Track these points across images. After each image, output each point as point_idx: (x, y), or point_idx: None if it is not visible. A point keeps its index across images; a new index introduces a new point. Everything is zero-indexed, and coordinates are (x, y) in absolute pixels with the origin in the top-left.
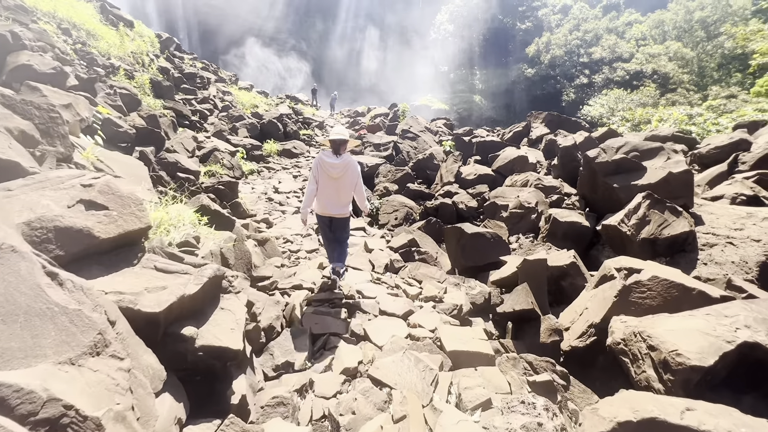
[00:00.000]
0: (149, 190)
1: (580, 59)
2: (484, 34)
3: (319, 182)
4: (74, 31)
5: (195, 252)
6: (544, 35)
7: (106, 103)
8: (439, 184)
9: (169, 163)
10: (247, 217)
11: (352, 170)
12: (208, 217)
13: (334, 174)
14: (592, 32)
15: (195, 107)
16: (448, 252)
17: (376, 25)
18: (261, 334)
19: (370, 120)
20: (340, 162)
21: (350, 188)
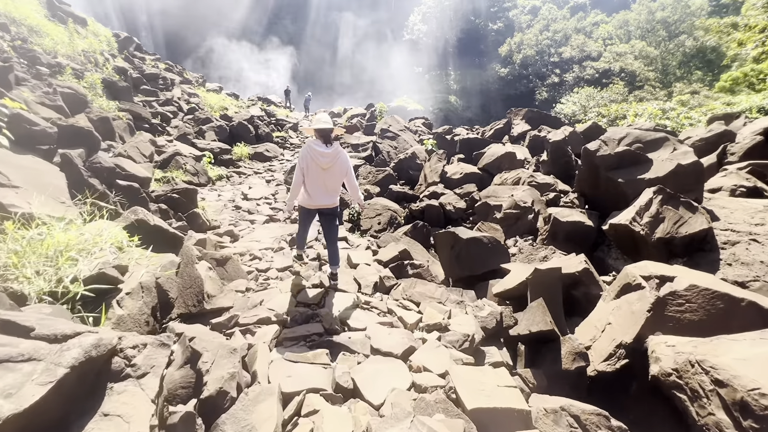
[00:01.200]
0: (63, 203)
1: (551, 59)
2: (457, 34)
3: (309, 173)
4: (13, 26)
5: (117, 287)
6: (515, 35)
7: (42, 103)
8: (423, 184)
9: (105, 168)
10: (208, 230)
11: (342, 160)
12: (141, 236)
13: (324, 164)
14: (562, 32)
15: (156, 109)
16: (441, 260)
17: (350, 27)
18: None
19: (347, 121)
20: (331, 151)
21: (340, 179)
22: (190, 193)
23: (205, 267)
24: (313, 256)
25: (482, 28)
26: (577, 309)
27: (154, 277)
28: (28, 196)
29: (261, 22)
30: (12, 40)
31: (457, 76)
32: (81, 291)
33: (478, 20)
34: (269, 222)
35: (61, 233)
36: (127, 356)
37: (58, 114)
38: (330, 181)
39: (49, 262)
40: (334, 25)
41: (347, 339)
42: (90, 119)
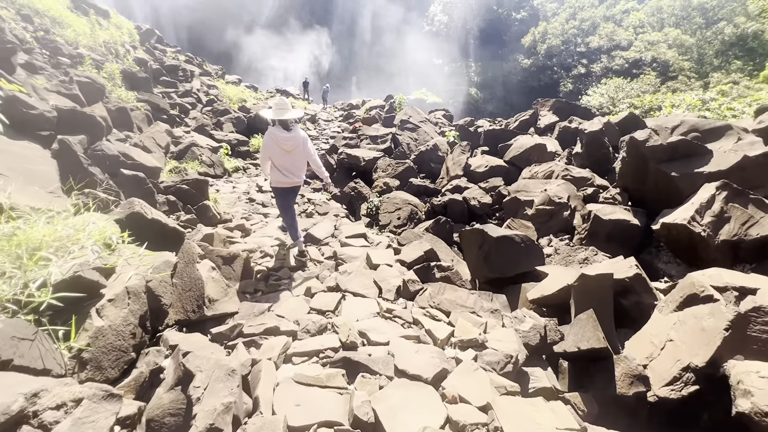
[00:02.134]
0: (50, 193)
1: (577, 48)
2: (479, 25)
3: (274, 156)
4: (36, 17)
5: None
6: (540, 24)
7: (58, 92)
8: (445, 178)
9: (108, 156)
10: (219, 224)
11: (303, 141)
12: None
13: (288, 146)
14: (589, 20)
15: (175, 100)
16: (467, 259)
17: (369, 20)
18: None
19: (365, 112)
20: (292, 135)
21: (304, 158)
22: (201, 185)
23: (207, 267)
24: (329, 254)
25: (505, 18)
26: (626, 320)
27: (145, 281)
28: (9, 185)
29: (282, 15)
30: (35, 30)
31: (478, 67)
32: (47, 299)
33: (501, 10)
34: None
35: (37, 228)
36: (45, 424)
37: (74, 103)
38: (296, 162)
39: (19, 263)
40: (353, 20)
41: (367, 357)
42: (108, 109)
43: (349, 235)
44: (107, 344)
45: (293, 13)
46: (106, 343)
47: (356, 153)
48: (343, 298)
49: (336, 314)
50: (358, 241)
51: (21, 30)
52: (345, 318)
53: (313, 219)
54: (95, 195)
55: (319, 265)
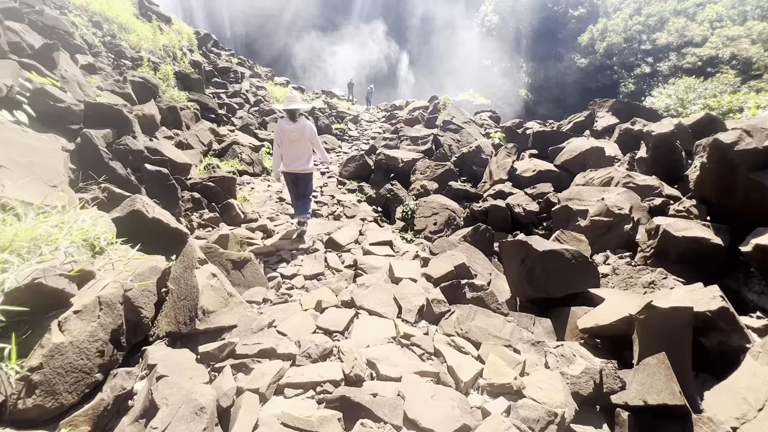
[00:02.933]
0: (54, 187)
1: (641, 46)
2: (532, 24)
3: (282, 146)
4: (105, 24)
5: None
6: (599, 21)
7: (112, 91)
8: (487, 182)
9: (131, 151)
10: (243, 223)
11: (308, 131)
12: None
13: (293, 136)
14: (657, 15)
15: (224, 100)
16: (507, 273)
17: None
18: None
19: (408, 113)
20: (297, 126)
21: (309, 147)
22: (228, 183)
23: (206, 274)
24: (349, 262)
25: (561, 15)
26: (708, 364)
27: (123, 289)
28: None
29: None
30: (103, 36)
31: (529, 68)
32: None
33: (557, 8)
34: (311, 217)
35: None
36: None
37: (125, 101)
38: (300, 150)
39: None
40: (401, 22)
41: (371, 398)
42: (159, 108)
43: (374, 242)
44: (65, 364)
45: (343, 18)
46: (64, 363)
47: (395, 154)
48: (357, 316)
49: (345, 335)
50: (382, 249)
51: (91, 35)
52: (354, 341)
53: (340, 222)
54: (111, 190)
55: (337, 274)
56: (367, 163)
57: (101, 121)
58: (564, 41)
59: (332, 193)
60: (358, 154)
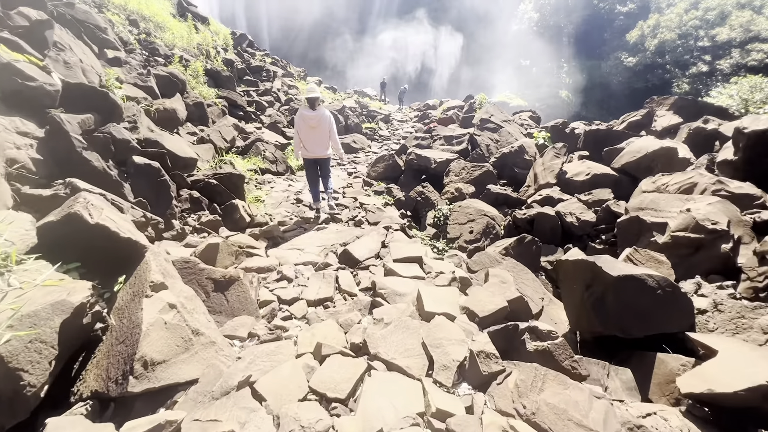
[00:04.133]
0: None
1: (698, 43)
2: (575, 22)
3: (301, 132)
4: (142, 22)
5: None
6: (650, 17)
7: (135, 84)
8: (531, 186)
9: (116, 140)
10: (247, 227)
11: (325, 119)
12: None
13: (312, 123)
14: (717, 9)
15: (253, 98)
16: (565, 301)
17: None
18: None
19: (442, 113)
20: (316, 114)
21: (327, 134)
22: (235, 180)
23: (160, 305)
24: (366, 284)
25: (607, 12)
26: None
27: None
28: None
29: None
30: (138, 33)
31: (570, 68)
32: None
33: (603, 4)
34: (329, 222)
35: None
36: None
37: (146, 94)
38: (318, 136)
39: None
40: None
41: None
42: (186, 103)
43: (399, 258)
44: None
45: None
46: None
47: (427, 154)
48: (369, 371)
49: (349, 407)
50: (409, 268)
51: (127, 33)
52: (362, 420)
53: (361, 229)
54: (74, 186)
55: (350, 300)
56: (396, 163)
57: (84, 105)
58: (609, 39)
59: (356, 194)
60: (387, 154)
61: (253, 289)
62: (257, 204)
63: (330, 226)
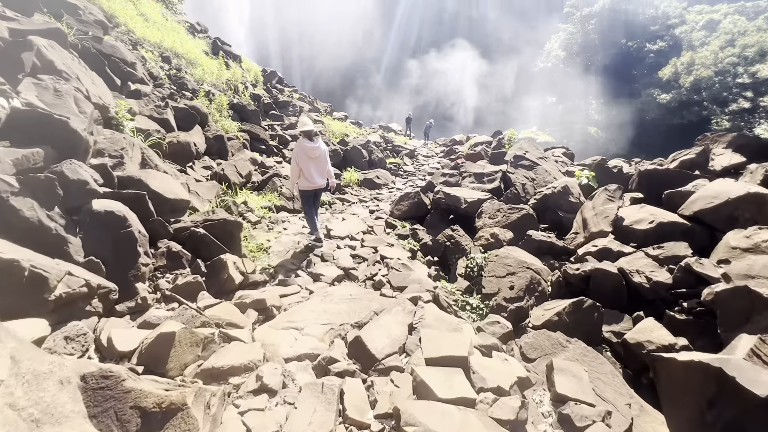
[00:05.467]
0: None
1: (737, 79)
2: (603, 60)
3: (302, 163)
4: (175, 59)
5: None
6: (684, 55)
7: (150, 116)
8: (580, 233)
9: (69, 182)
10: (236, 290)
11: (324, 149)
12: None
13: (314, 154)
14: (755, 47)
15: (276, 132)
16: (668, 413)
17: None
18: None
19: (470, 148)
20: (316, 144)
21: (325, 164)
22: (229, 228)
23: None
24: (385, 407)
25: (636, 50)
26: None
27: None
28: None
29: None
30: (169, 69)
31: (599, 105)
32: None
33: (631, 42)
34: (342, 280)
35: None
36: None
37: (160, 127)
38: (319, 166)
39: None
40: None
41: None
42: (206, 136)
43: (434, 358)
44: None
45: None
46: None
47: (456, 193)
48: None
49: None
50: (450, 379)
51: (158, 68)
52: None
53: (381, 296)
54: None
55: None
56: (422, 201)
57: (40, 137)
58: (639, 76)
59: (376, 243)
60: (412, 191)
61: (209, 419)
62: (258, 255)
63: (342, 287)
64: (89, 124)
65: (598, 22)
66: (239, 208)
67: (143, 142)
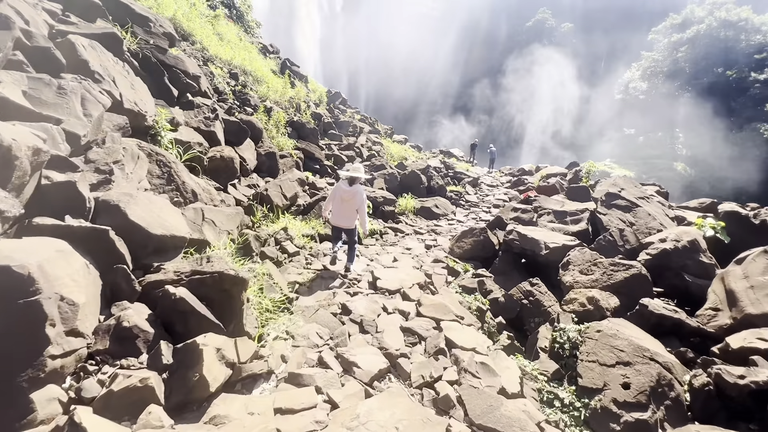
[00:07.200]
0: None
1: None
2: (695, 90)
3: (334, 202)
4: (242, 76)
5: None
6: None
7: (197, 128)
8: (723, 310)
9: None
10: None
11: (358, 196)
12: None
13: (345, 197)
14: None
15: (333, 152)
16: None
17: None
18: None
19: (542, 180)
20: (351, 189)
21: (354, 209)
22: (225, 287)
23: None
24: None
25: (737, 80)
26: None
27: None
28: None
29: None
30: (235, 85)
31: (688, 139)
32: None
33: (730, 72)
34: (385, 377)
35: None
36: None
37: (204, 139)
38: (346, 210)
39: None
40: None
41: None
42: (258, 153)
43: None
44: None
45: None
46: None
47: (534, 235)
48: None
49: None
50: None
51: (224, 84)
52: None
53: None
54: None
55: None
56: (489, 240)
57: None
58: (741, 109)
59: (438, 312)
60: (477, 227)
61: None
62: (275, 318)
63: (383, 400)
64: (95, 129)
65: (690, 49)
66: (278, 236)
67: (178, 156)
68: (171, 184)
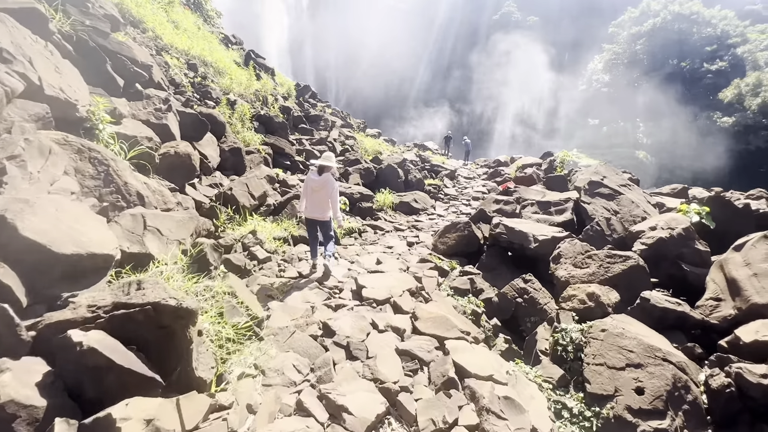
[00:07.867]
0: None
1: None
2: (653, 81)
3: (305, 193)
4: (202, 67)
5: None
6: (748, 75)
7: (147, 121)
8: (725, 300)
9: None
10: None
11: (329, 185)
12: None
13: (315, 187)
14: None
15: (304, 147)
16: None
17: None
18: None
19: (518, 170)
20: (321, 179)
21: (326, 198)
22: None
23: None
24: None
25: (690, 71)
26: None
27: None
28: None
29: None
30: (194, 77)
31: (648, 128)
32: None
33: (684, 63)
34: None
35: None
36: None
37: (154, 134)
38: (318, 200)
39: None
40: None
41: None
42: (221, 149)
43: None
44: None
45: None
46: None
47: (521, 227)
48: None
49: None
50: None
51: (181, 75)
52: None
53: None
54: None
55: None
56: (474, 235)
57: None
58: (694, 98)
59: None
60: (461, 222)
61: None
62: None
63: None
64: None
65: (648, 42)
66: (246, 240)
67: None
68: (109, 186)
